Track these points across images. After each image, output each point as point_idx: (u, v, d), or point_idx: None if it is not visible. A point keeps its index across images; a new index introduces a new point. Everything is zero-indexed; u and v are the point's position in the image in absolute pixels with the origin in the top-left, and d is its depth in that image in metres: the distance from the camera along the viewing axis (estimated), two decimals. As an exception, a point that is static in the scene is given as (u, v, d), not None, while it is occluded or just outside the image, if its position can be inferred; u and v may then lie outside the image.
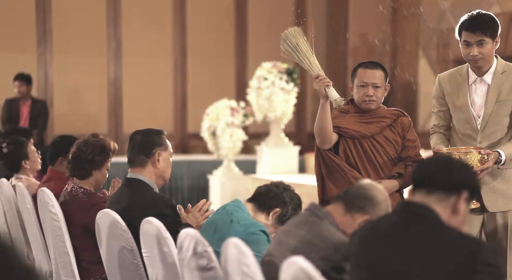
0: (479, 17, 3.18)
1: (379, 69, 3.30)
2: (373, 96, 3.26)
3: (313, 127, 3.31)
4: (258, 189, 2.89)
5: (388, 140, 3.29)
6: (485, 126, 3.23)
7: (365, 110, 3.30)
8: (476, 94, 3.27)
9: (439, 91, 3.36)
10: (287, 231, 2.32)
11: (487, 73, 3.24)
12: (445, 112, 3.35)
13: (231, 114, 7.59)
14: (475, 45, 3.15)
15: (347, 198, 2.30)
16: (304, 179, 7.02)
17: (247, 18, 10.27)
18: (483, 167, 3.08)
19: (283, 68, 7.55)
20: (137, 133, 3.15)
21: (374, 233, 1.97)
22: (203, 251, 2.41)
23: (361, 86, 3.28)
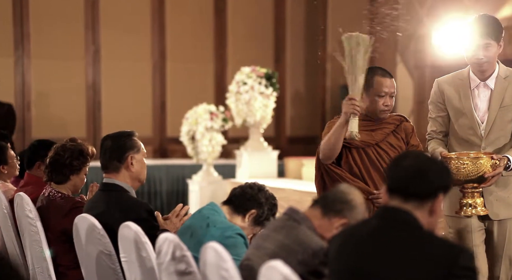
0: (484, 21, 3.13)
1: (392, 77, 3.28)
2: (390, 105, 3.23)
3: (293, 131, 3.30)
4: (233, 191, 2.88)
5: (393, 147, 3.23)
6: (489, 132, 3.16)
7: (377, 118, 3.23)
8: (479, 98, 3.20)
9: (438, 96, 3.28)
10: (265, 236, 2.33)
11: (490, 77, 3.18)
12: (443, 117, 3.27)
13: (210, 118, 7.59)
14: (481, 49, 3.10)
15: (324, 202, 2.31)
16: (283, 183, 7.03)
17: (226, 22, 10.28)
18: (495, 172, 3.03)
19: (262, 72, 7.57)
20: (107, 138, 3.12)
21: (353, 238, 1.97)
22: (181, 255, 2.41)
23: (381, 96, 3.21)
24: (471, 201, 3.09)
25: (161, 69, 10.04)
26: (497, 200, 3.17)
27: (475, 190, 3.09)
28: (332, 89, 10.68)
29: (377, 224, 1.94)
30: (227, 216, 2.81)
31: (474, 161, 3.00)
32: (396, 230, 1.90)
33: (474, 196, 3.10)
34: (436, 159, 2.01)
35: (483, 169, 3.00)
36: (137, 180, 3.10)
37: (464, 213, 3.11)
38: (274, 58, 10.50)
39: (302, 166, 7.70)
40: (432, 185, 1.92)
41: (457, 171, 3.00)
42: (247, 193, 2.83)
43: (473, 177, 3.02)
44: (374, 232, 1.93)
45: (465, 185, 3.07)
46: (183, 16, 10.05)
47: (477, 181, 3.04)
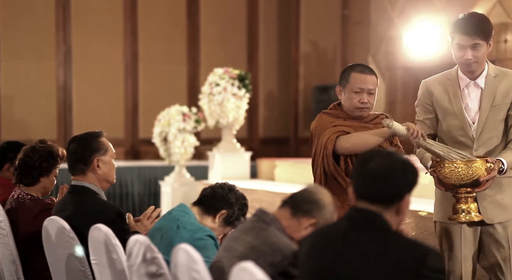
0: (472, 19, 3.00)
1: (373, 74, 3.14)
2: (368, 103, 3.10)
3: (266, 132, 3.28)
4: (203, 192, 2.86)
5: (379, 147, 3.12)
6: (481, 132, 3.04)
7: (356, 117, 3.14)
8: (470, 98, 3.07)
9: (426, 97, 3.14)
10: (235, 237, 2.33)
11: (480, 76, 3.06)
12: (431, 119, 3.14)
13: (182, 120, 7.57)
14: (469, 49, 2.97)
15: (293, 203, 2.32)
16: (256, 184, 7.04)
17: (199, 23, 10.26)
18: (490, 176, 2.91)
19: (235, 74, 7.57)
20: (73, 141, 3.09)
21: (324, 239, 1.98)
22: (152, 257, 2.40)
23: (356, 92, 3.10)
24: (465, 207, 2.97)
25: (133, 71, 9.98)
26: (491, 203, 3.05)
27: (469, 195, 2.97)
28: (305, 91, 10.73)
29: (347, 226, 1.95)
30: (197, 217, 2.80)
31: (468, 165, 2.88)
32: (366, 231, 1.92)
33: (468, 201, 2.97)
34: (401, 159, 1.96)
35: (478, 173, 2.89)
36: (106, 181, 3.07)
37: (458, 219, 2.98)
38: (247, 59, 10.51)
39: (275, 167, 7.71)
40: (396, 189, 1.93)
41: (450, 175, 2.89)
42: (218, 194, 2.82)
43: (467, 181, 2.90)
44: (344, 234, 1.94)
45: (459, 190, 2.95)
46: (155, 17, 10.00)
47: (471, 185, 2.92)
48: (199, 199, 2.86)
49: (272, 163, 7.82)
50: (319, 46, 10.90)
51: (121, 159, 9.19)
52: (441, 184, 2.97)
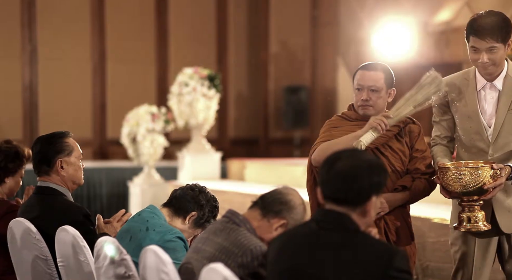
0: (489, 20, 2.79)
1: (379, 71, 2.95)
2: (370, 101, 2.92)
3: (236, 133, 3.20)
4: (174, 193, 2.84)
5: (394, 151, 2.94)
6: (497, 136, 2.86)
7: (362, 116, 2.96)
8: (486, 101, 2.90)
9: (442, 98, 2.97)
10: (204, 239, 2.31)
11: (498, 77, 2.89)
12: (448, 121, 2.98)
13: (151, 120, 7.51)
14: (485, 52, 2.80)
15: (263, 204, 2.31)
16: (226, 185, 7.02)
17: (168, 23, 10.20)
18: (496, 183, 2.74)
19: (204, 74, 7.54)
20: (37, 141, 3.06)
21: (292, 240, 1.98)
22: (120, 259, 2.37)
23: (357, 89, 2.96)
24: (470, 215, 2.81)
25: (101, 70, 9.88)
26: (509, 211, 2.87)
27: (475, 203, 2.81)
28: (275, 91, 10.74)
29: (315, 227, 1.96)
30: (167, 218, 2.78)
31: (472, 172, 2.73)
32: (333, 232, 1.93)
33: (474, 209, 2.81)
34: (368, 159, 1.95)
35: (482, 180, 2.73)
36: (72, 182, 3.04)
37: (464, 228, 2.82)
38: (217, 59, 10.48)
39: (245, 168, 7.71)
40: (362, 190, 1.93)
41: (453, 183, 2.75)
42: (188, 195, 2.80)
43: (471, 189, 2.75)
44: (312, 235, 1.95)
45: (464, 197, 2.80)
46: (123, 16, 9.92)
47: (476, 193, 2.77)
48: (169, 200, 2.84)
49: (242, 163, 7.81)
50: (289, 46, 10.92)
51: (89, 160, 9.09)
52: (445, 191, 2.83)
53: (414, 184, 2.93)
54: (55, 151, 3.00)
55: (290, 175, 6.97)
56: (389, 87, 2.96)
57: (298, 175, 6.95)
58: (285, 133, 10.72)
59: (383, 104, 2.95)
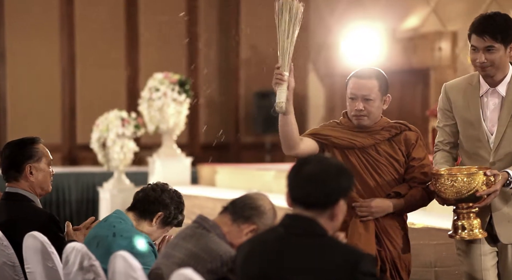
0: (490, 19, 2.71)
1: (373, 79, 2.81)
2: (364, 110, 2.78)
3: (207, 138, 3.14)
4: (136, 196, 2.81)
5: (385, 157, 2.81)
6: (498, 144, 2.76)
7: (356, 126, 2.84)
8: (488, 107, 2.80)
9: (445, 103, 2.88)
10: (174, 244, 2.31)
11: (502, 83, 2.77)
12: (451, 126, 2.88)
13: (122, 125, 7.47)
14: (482, 51, 2.70)
15: (233, 209, 2.32)
16: (197, 190, 7.01)
17: (138, 27, 10.16)
18: (489, 190, 2.64)
19: (175, 79, 7.53)
20: (6, 147, 3.04)
21: (259, 246, 1.99)
22: (89, 265, 2.36)
23: (351, 99, 2.82)
24: (466, 223, 2.72)
25: (70, 74, 9.80)
26: (509, 221, 2.77)
27: (471, 211, 2.72)
28: (246, 96, 10.76)
29: (282, 232, 1.97)
30: (134, 222, 2.76)
31: (463, 178, 2.63)
32: (300, 237, 1.93)
33: (470, 217, 2.72)
34: (336, 163, 1.97)
35: (474, 187, 2.63)
36: (40, 188, 3.01)
37: (460, 236, 2.74)
38: (187, 64, 10.47)
39: (216, 173, 7.70)
40: (330, 193, 1.94)
41: (445, 189, 2.66)
42: (151, 197, 2.77)
43: (463, 196, 2.66)
44: (279, 240, 1.95)
45: (459, 205, 2.72)
46: (93, 20, 9.85)
47: (469, 200, 2.68)
48: (133, 204, 2.81)
49: (213, 168, 7.80)
50: (260, 51, 10.96)
51: (58, 165, 8.99)
52: (439, 198, 2.75)
53: (410, 192, 2.81)
54: (25, 156, 2.98)
55: (261, 180, 6.98)
56: (384, 94, 2.83)
57: (269, 180, 6.97)
58: (256, 138, 10.75)
59: (378, 112, 2.83)
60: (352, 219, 2.78)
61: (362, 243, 2.74)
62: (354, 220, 2.78)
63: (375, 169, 2.81)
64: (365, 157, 2.81)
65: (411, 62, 8.81)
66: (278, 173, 6.97)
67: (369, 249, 2.73)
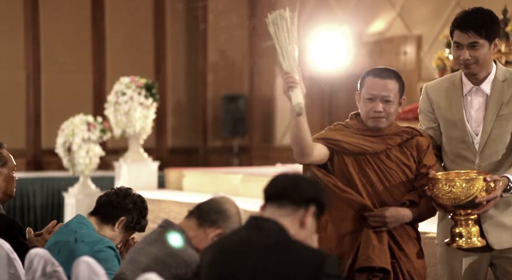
0: (474, 14, 2.60)
1: (393, 79, 2.66)
2: (383, 112, 2.63)
3: (174, 142, 3.07)
4: (99, 200, 2.78)
5: (396, 163, 2.66)
6: (484, 145, 2.65)
7: (372, 128, 2.67)
8: (472, 107, 2.68)
9: (427, 104, 2.76)
10: (139, 249, 2.29)
11: (485, 81, 2.66)
12: (435, 129, 2.75)
13: (87, 129, 7.39)
14: (466, 48, 2.58)
15: (199, 213, 2.31)
16: (164, 195, 6.96)
17: (104, 31, 10.07)
18: (489, 197, 2.51)
19: (141, 82, 7.48)
20: None
21: (224, 249, 1.99)
22: (52, 271, 2.33)
23: (369, 99, 2.65)
24: (464, 231, 2.58)
25: (35, 79, 9.67)
26: (498, 225, 2.65)
27: (469, 217, 2.58)
28: (214, 100, 10.74)
29: (246, 234, 1.98)
30: (96, 227, 2.73)
31: (461, 184, 2.50)
32: (264, 239, 1.94)
33: (468, 224, 2.58)
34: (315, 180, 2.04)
35: (474, 193, 2.50)
36: (3, 194, 2.97)
37: (457, 244, 2.59)
38: (155, 68, 10.41)
39: (183, 177, 7.67)
40: (304, 193, 1.97)
41: (443, 195, 2.53)
42: (113, 201, 2.74)
43: (461, 203, 2.53)
44: (243, 242, 1.96)
45: (457, 211, 2.57)
46: (58, 23, 9.74)
47: (468, 206, 2.54)
48: (95, 208, 2.78)
49: (180, 173, 7.76)
50: (227, 55, 10.95)
51: (22, 170, 8.85)
52: (436, 204, 2.60)
53: (421, 202, 2.65)
54: None
55: (228, 184, 6.97)
56: (401, 97, 2.69)
57: (237, 184, 6.96)
58: (224, 141, 10.73)
59: (395, 115, 2.68)
60: (364, 230, 2.61)
61: (376, 255, 2.55)
62: (367, 231, 2.60)
63: (386, 176, 2.65)
64: (377, 163, 2.66)
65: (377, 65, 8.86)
66: (245, 176, 6.96)
67: (384, 262, 2.56)
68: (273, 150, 10.68)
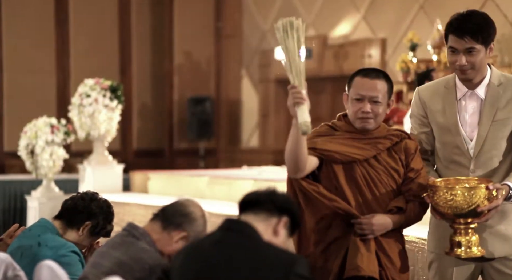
0: (469, 18, 2.53)
1: (382, 79, 2.61)
2: (371, 113, 2.58)
3: (140, 144, 3.03)
4: (64, 204, 2.76)
5: (385, 167, 2.61)
6: (479, 151, 2.58)
7: (359, 129, 2.62)
8: (466, 111, 2.61)
9: (419, 108, 2.68)
10: (102, 253, 2.27)
11: (480, 85, 2.60)
12: (427, 134, 2.68)
13: (51, 132, 7.29)
14: (463, 53, 2.52)
15: (164, 216, 2.29)
16: (129, 198, 6.91)
17: (68, 32, 9.95)
18: (491, 205, 2.44)
19: (106, 84, 7.41)
20: None
21: (197, 250, 2.00)
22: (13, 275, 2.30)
23: (357, 100, 2.59)
24: (463, 240, 2.50)
25: (-3, 80, 9.51)
26: (491, 234, 2.59)
27: (469, 226, 2.50)
28: (180, 102, 10.70)
29: (219, 236, 1.99)
30: (60, 231, 2.69)
31: (464, 192, 2.42)
32: (237, 240, 1.96)
33: (468, 233, 2.50)
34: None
35: (476, 202, 2.43)
36: None
37: (456, 254, 2.52)
38: (120, 70, 10.32)
39: (148, 179, 7.62)
40: (278, 203, 2.04)
41: (443, 204, 2.46)
42: (79, 206, 2.72)
43: (463, 211, 2.45)
44: (217, 243, 1.97)
45: (457, 220, 2.50)
46: (21, 24, 9.59)
47: (469, 215, 2.47)
48: (60, 212, 2.75)
49: (146, 175, 7.71)
50: (193, 57, 10.92)
51: (-16, 174, 8.70)
52: (436, 212, 2.54)
53: (408, 207, 2.61)
54: None
55: (194, 187, 6.95)
56: (389, 98, 2.64)
57: (203, 186, 6.93)
58: (190, 144, 10.69)
59: (383, 116, 2.63)
60: (352, 238, 2.56)
61: (365, 264, 2.50)
62: (354, 239, 2.55)
63: (374, 181, 2.60)
64: (366, 168, 2.60)
65: (342, 68, 8.97)
66: (211, 179, 6.95)
67: (372, 271, 2.50)
68: (239, 152, 10.68)
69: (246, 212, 2.02)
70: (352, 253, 2.53)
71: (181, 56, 10.75)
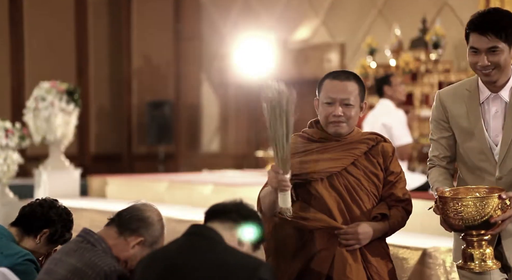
0: (492, 16, 2.40)
1: (352, 80, 2.53)
2: (342, 116, 2.50)
3: (98, 149, 2.96)
4: (22, 211, 2.68)
5: (364, 172, 2.53)
6: (505, 156, 2.45)
7: (332, 134, 2.54)
8: (490, 115, 2.48)
9: (440, 113, 2.55)
10: (57, 260, 2.20)
11: (504, 87, 2.47)
12: (448, 139, 2.55)
13: (5, 136, 7.12)
14: (485, 53, 2.39)
15: (120, 221, 2.24)
16: (86, 203, 6.79)
17: (23, 34, 9.76)
18: (505, 215, 2.31)
19: (63, 88, 7.28)
20: None
21: (161, 256, 1.99)
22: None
23: (327, 103, 2.51)
24: (477, 253, 2.37)
25: (-51, 83, 9.26)
26: None
27: (482, 238, 2.37)
28: (138, 106, 10.59)
29: (184, 240, 2.01)
30: (17, 238, 2.61)
31: (475, 203, 2.29)
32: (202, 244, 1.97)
33: (482, 245, 2.37)
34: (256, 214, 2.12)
35: (488, 212, 2.30)
36: None
37: (469, 268, 2.38)
38: (77, 73, 10.16)
39: (106, 184, 7.51)
40: (245, 212, 2.07)
41: (454, 215, 2.32)
42: (37, 212, 2.64)
43: (476, 223, 2.32)
44: (182, 248, 1.98)
45: (468, 232, 2.36)
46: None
47: (482, 227, 2.33)
48: (17, 219, 2.67)
49: (103, 180, 7.60)
50: (152, 61, 10.82)
51: None
52: (446, 224, 2.39)
53: (392, 213, 2.54)
54: None
55: (153, 191, 6.87)
56: (362, 100, 2.56)
57: (162, 191, 6.86)
58: (149, 148, 10.59)
59: (356, 119, 2.55)
60: (337, 249, 2.48)
61: (354, 275, 2.44)
62: (340, 250, 2.47)
63: (354, 187, 2.52)
64: (345, 176, 2.53)
65: (302, 72, 9.00)
66: (171, 183, 6.88)
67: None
68: (199, 156, 10.61)
69: (212, 220, 2.05)
70: (339, 266, 2.46)
71: (140, 59, 10.64)
